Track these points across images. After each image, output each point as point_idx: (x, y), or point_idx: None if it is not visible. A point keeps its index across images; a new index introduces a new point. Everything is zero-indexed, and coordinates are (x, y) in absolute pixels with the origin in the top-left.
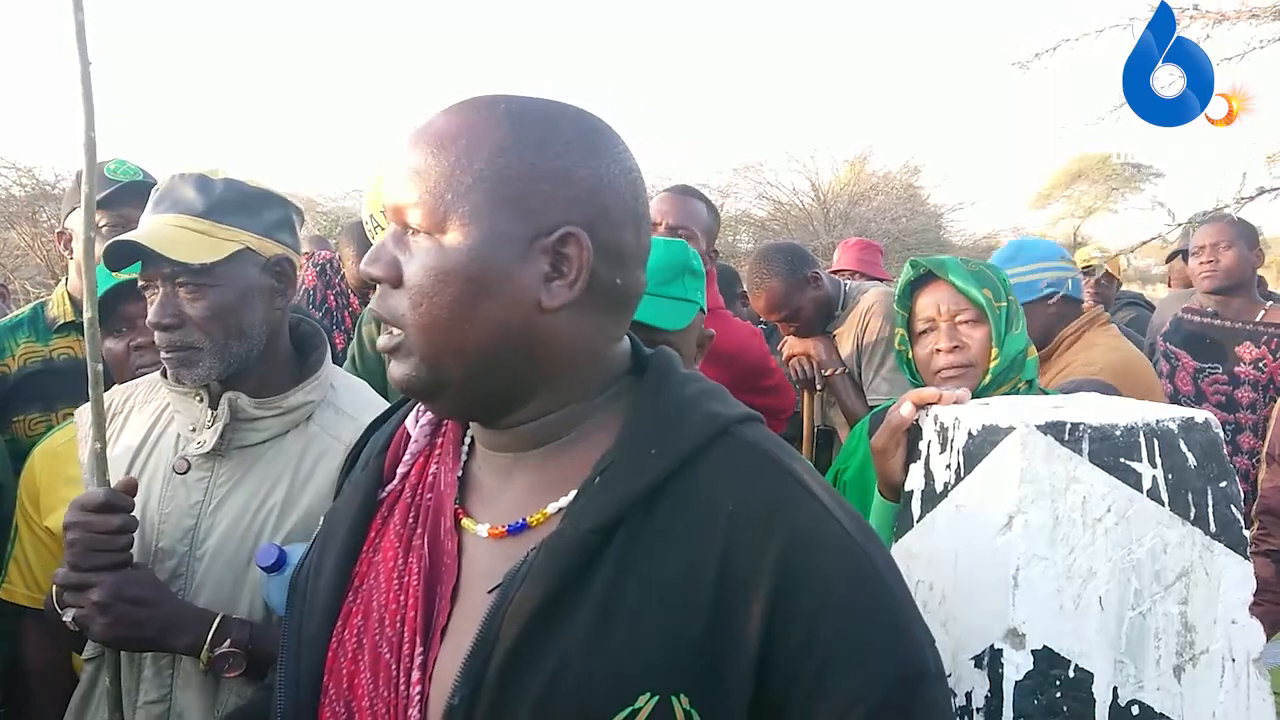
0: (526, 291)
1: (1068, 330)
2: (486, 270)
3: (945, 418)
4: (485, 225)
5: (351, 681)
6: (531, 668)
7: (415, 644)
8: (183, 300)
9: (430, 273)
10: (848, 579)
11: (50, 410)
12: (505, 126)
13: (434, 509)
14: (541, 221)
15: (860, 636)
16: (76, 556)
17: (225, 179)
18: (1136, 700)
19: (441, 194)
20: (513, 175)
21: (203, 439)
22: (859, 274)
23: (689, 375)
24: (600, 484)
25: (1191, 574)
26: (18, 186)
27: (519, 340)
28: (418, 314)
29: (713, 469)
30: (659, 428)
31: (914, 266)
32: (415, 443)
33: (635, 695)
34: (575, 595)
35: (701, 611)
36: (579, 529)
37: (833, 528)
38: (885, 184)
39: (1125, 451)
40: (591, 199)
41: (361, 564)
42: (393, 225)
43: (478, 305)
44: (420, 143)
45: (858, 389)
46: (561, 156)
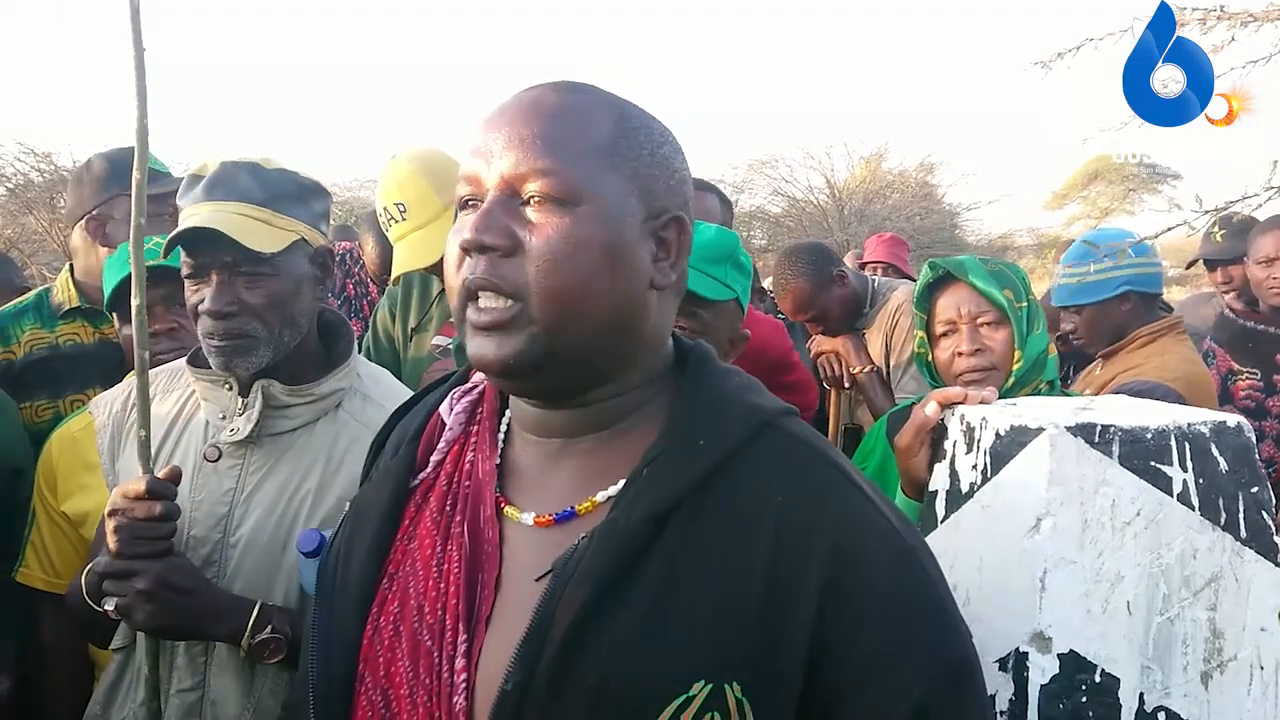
0: (644, 268)
1: (1142, 330)
2: (620, 241)
3: (972, 418)
4: (616, 199)
5: (389, 669)
6: (586, 655)
7: (458, 631)
8: (241, 289)
9: (567, 241)
10: (895, 572)
11: (58, 397)
12: (620, 113)
13: (472, 497)
14: (652, 204)
15: (908, 627)
16: (120, 544)
17: (279, 169)
18: (1163, 707)
19: (577, 166)
20: (633, 157)
21: (235, 426)
22: (891, 266)
23: (729, 369)
24: (650, 474)
25: (1221, 580)
26: (36, 172)
27: (632, 314)
28: (547, 282)
29: (759, 461)
30: (705, 419)
31: (933, 268)
32: (450, 430)
33: (690, 683)
34: (628, 584)
35: (753, 600)
36: (632, 518)
37: (879, 521)
38: (900, 182)
39: (1156, 455)
40: (683, 190)
41: (396, 551)
42: (497, 194)
43: (611, 275)
44: (538, 115)
45: (886, 388)
46: (661, 147)
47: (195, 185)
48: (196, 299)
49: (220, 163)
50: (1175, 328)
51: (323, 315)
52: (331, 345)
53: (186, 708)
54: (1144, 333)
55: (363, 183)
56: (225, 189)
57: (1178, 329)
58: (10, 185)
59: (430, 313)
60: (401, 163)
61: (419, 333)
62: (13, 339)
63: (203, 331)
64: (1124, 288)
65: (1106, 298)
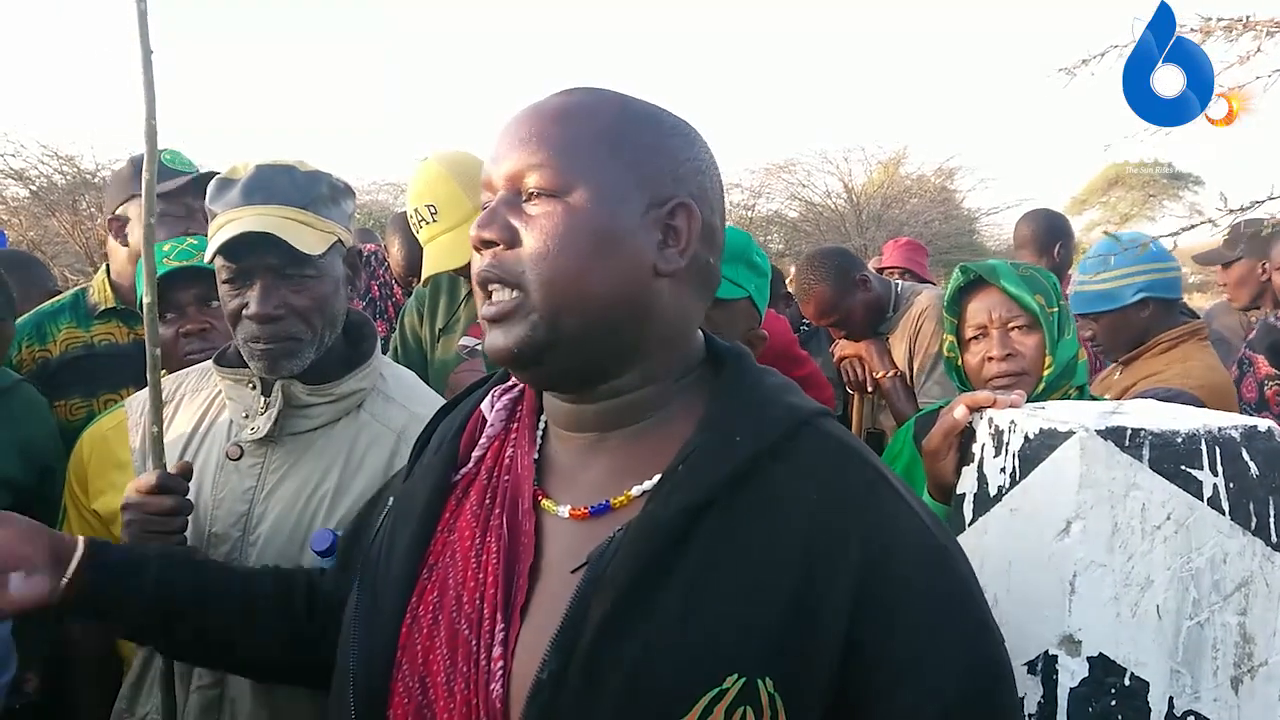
0: (645, 254)
1: (1164, 336)
2: (612, 227)
3: (1001, 421)
4: (611, 187)
5: (427, 657)
6: (620, 645)
7: (496, 620)
8: (286, 292)
9: (557, 229)
10: (929, 573)
11: (92, 396)
12: (619, 107)
13: (511, 490)
14: (656, 191)
15: (941, 629)
16: (133, 537)
17: (312, 171)
18: (1192, 711)
19: (566, 157)
20: (632, 147)
21: (256, 425)
22: (908, 272)
23: (767, 369)
24: (686, 468)
25: (1251, 584)
26: (59, 175)
27: (635, 301)
28: (541, 269)
29: (796, 458)
30: (743, 415)
31: (964, 272)
32: (491, 427)
33: (723, 676)
34: (663, 577)
35: (787, 597)
36: (668, 511)
37: (914, 521)
38: (919, 186)
39: (1186, 459)
40: (694, 179)
41: (436, 543)
42: (503, 193)
43: (603, 260)
44: (537, 116)
45: (909, 392)
46: (669, 137)
47: (229, 189)
48: (238, 303)
49: (255, 166)
50: (1198, 333)
51: (348, 315)
52: (356, 345)
53: (206, 704)
54: (1165, 338)
55: (382, 185)
56: (265, 192)
57: (1200, 334)
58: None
59: (458, 314)
60: (432, 165)
61: (446, 334)
62: (49, 337)
63: (246, 336)
64: (1142, 293)
65: (1125, 304)
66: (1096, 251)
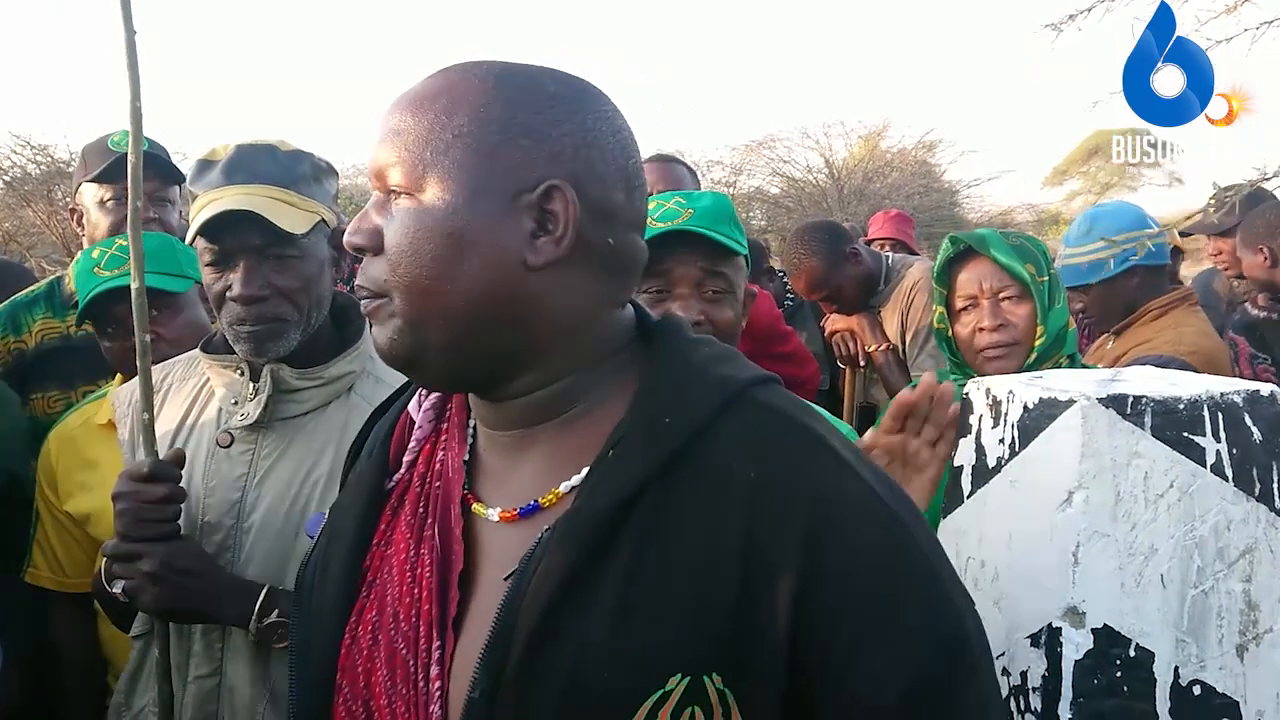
0: (510, 249)
1: (1154, 304)
2: (466, 226)
3: (998, 391)
4: (464, 181)
5: (369, 679)
6: (553, 655)
7: (431, 637)
8: (270, 272)
9: (409, 232)
10: (878, 544)
11: (69, 388)
12: (487, 85)
13: (443, 496)
14: (524, 176)
15: (895, 604)
16: (126, 527)
17: (294, 150)
18: (1198, 680)
19: (420, 152)
20: (493, 130)
21: (245, 411)
22: (898, 243)
23: (699, 339)
24: (614, 457)
25: (1255, 551)
26: (33, 165)
27: (505, 301)
28: (398, 275)
29: (730, 435)
30: (672, 395)
31: (954, 242)
32: (419, 429)
33: (665, 678)
34: (594, 577)
35: (728, 585)
36: (594, 507)
37: (860, 489)
38: (900, 160)
39: (1189, 425)
40: (576, 154)
41: (373, 557)
42: (375, 192)
43: (459, 263)
44: (401, 105)
45: (901, 366)
46: (544, 111)
47: (209, 170)
48: (221, 286)
49: (235, 146)
50: (1188, 299)
51: (335, 298)
52: (343, 327)
53: (204, 694)
54: (1155, 306)
55: (362, 170)
56: (246, 172)
57: (1190, 300)
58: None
59: None
60: None
61: None
62: (24, 328)
63: (230, 319)
64: (1129, 262)
65: (1113, 274)
66: (1079, 223)
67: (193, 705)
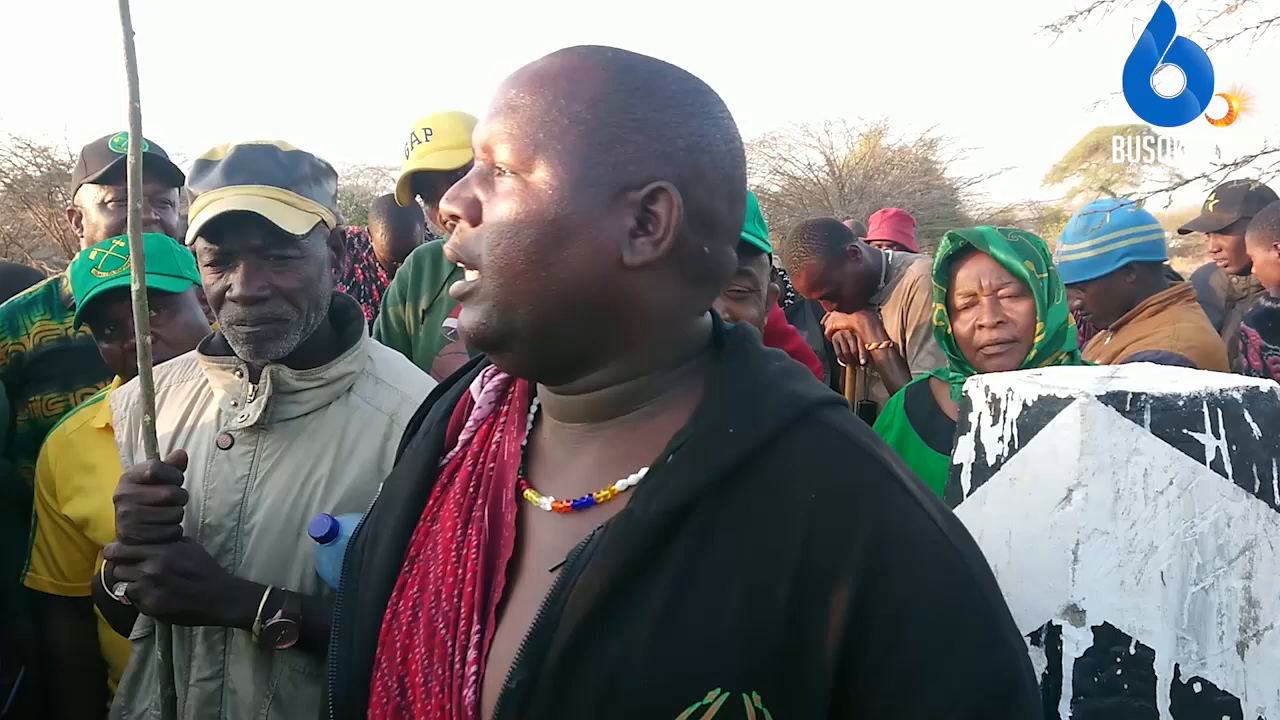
0: (609, 245)
1: (1152, 300)
2: (569, 215)
3: (997, 389)
4: (574, 168)
5: (405, 655)
6: (594, 655)
7: (472, 621)
8: (270, 273)
9: (512, 212)
10: (938, 579)
11: (68, 390)
12: (609, 73)
13: (496, 478)
14: (632, 173)
15: (950, 642)
16: (128, 529)
17: (294, 151)
18: (1199, 678)
19: (534, 132)
20: (610, 122)
21: (245, 413)
22: (896, 244)
23: (770, 352)
24: (674, 463)
25: (1256, 548)
26: (33, 167)
27: (596, 295)
28: (494, 255)
29: (794, 453)
30: (738, 406)
31: (952, 239)
32: (479, 409)
33: (704, 691)
34: (643, 581)
35: (780, 605)
36: (649, 510)
37: (923, 522)
38: (900, 158)
39: (1188, 422)
40: (688, 158)
41: (419, 533)
42: (479, 163)
43: (557, 251)
44: (518, 81)
45: (902, 364)
46: (662, 110)
47: (209, 170)
48: (221, 286)
49: (235, 146)
50: (1185, 295)
51: (333, 298)
52: (342, 328)
53: (206, 697)
54: (1153, 301)
55: (361, 170)
56: (247, 172)
57: (1188, 296)
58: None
59: (441, 295)
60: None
61: (430, 315)
62: (22, 330)
63: (230, 319)
64: (1126, 259)
65: (1110, 271)
66: (1076, 220)
67: (195, 708)
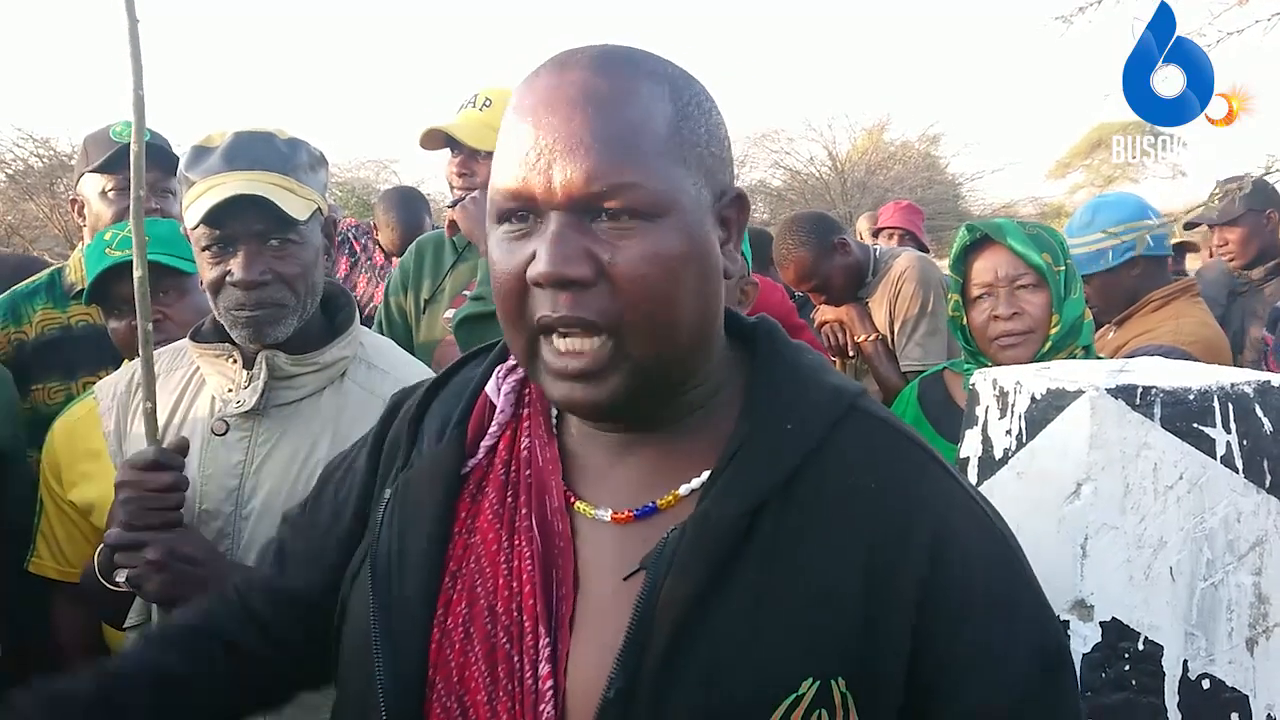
0: (719, 263)
1: (1155, 294)
2: (703, 245)
3: (1005, 381)
4: (693, 198)
5: (463, 674)
6: (690, 658)
7: (539, 633)
8: (270, 258)
9: (657, 259)
10: (993, 563)
11: (70, 379)
12: (669, 90)
13: (536, 487)
14: (717, 185)
15: (1009, 619)
16: (130, 515)
17: (292, 138)
18: (1207, 674)
19: (652, 170)
20: (695, 141)
21: (241, 398)
22: (907, 233)
23: (798, 345)
24: (737, 464)
25: (1266, 543)
26: (35, 158)
27: (712, 319)
28: (642, 309)
29: (847, 445)
30: (789, 402)
31: (970, 230)
32: (501, 413)
33: (799, 681)
34: (728, 581)
35: (852, 592)
36: (725, 512)
37: (974, 508)
38: (903, 153)
39: (1198, 416)
40: (731, 155)
41: (456, 547)
42: (566, 215)
43: (698, 284)
44: (593, 112)
45: (890, 356)
46: (711, 113)
47: (206, 156)
48: (219, 272)
49: (234, 133)
50: (1189, 290)
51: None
52: (333, 315)
53: None
54: (1156, 296)
55: (363, 163)
56: (247, 158)
57: (1192, 291)
58: (10, 172)
59: (443, 286)
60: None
61: (431, 306)
62: (25, 319)
63: (229, 304)
64: (1131, 253)
65: (1115, 265)
66: (1081, 213)
67: None
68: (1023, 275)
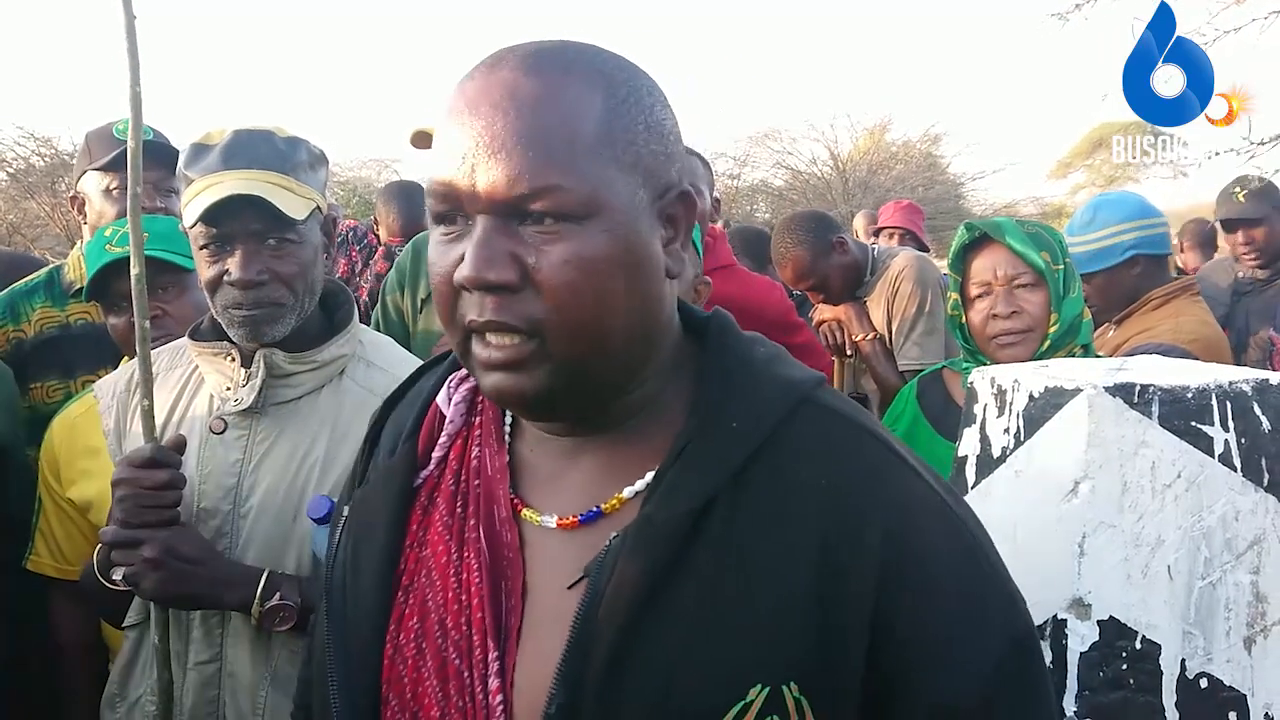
0: (660, 262)
1: (1156, 293)
2: (636, 246)
3: (1003, 380)
4: (626, 197)
5: (415, 690)
6: (634, 667)
7: (487, 646)
8: (268, 257)
9: (583, 263)
10: (952, 549)
11: (69, 377)
12: (603, 86)
13: (484, 497)
14: (658, 183)
15: (971, 606)
16: (126, 513)
17: (291, 137)
18: (1205, 673)
19: (578, 171)
20: (631, 138)
21: (239, 397)
22: (908, 233)
23: (753, 337)
24: (682, 464)
25: (1264, 542)
26: (36, 157)
27: (654, 316)
28: (566, 314)
29: (798, 441)
30: (736, 398)
31: (969, 229)
32: (451, 423)
33: (746, 688)
34: (672, 586)
35: (805, 593)
36: (668, 514)
37: (930, 496)
38: (905, 153)
39: (1196, 415)
40: (679, 150)
41: (408, 560)
42: (491, 217)
43: (629, 287)
44: (518, 111)
45: (888, 355)
46: (652, 109)
47: (205, 154)
48: (217, 270)
49: (233, 131)
50: (1189, 289)
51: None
52: (332, 313)
53: (205, 679)
54: (1157, 295)
55: (364, 162)
56: (246, 157)
57: (1192, 290)
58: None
59: None
60: None
61: (429, 303)
62: (23, 317)
63: (226, 303)
64: (1131, 252)
65: (1115, 263)
66: (1082, 212)
67: (193, 691)
68: (1021, 274)
